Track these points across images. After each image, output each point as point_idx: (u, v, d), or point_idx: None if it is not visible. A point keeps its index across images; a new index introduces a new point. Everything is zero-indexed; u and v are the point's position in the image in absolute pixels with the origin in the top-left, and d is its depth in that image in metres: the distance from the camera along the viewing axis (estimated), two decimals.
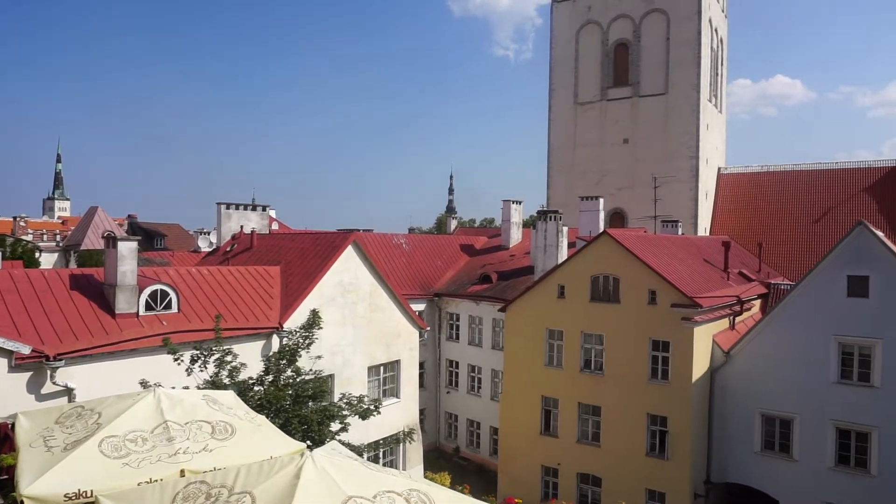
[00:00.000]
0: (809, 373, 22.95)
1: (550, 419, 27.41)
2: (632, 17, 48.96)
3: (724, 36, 54.08)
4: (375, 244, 36.10)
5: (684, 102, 46.69)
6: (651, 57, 48.09)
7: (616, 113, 49.54)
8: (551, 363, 27.17)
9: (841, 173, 46.86)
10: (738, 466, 24.53)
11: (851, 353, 22.38)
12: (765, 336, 24.08)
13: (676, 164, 46.45)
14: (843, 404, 22.39)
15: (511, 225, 40.96)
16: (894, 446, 21.48)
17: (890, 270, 21.89)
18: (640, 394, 24.66)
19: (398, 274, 35.18)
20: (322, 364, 18.92)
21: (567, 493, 26.22)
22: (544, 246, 32.44)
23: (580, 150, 51.02)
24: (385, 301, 24.00)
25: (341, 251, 22.18)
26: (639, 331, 24.68)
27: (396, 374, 24.74)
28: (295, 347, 15.44)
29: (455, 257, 40.27)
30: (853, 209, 43.12)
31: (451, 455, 35.56)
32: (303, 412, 14.00)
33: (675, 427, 23.98)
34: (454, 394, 36.06)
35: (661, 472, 24.22)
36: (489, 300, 33.34)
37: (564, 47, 51.92)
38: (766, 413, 23.92)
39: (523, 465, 27.81)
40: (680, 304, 23.58)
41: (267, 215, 29.28)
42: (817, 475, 22.82)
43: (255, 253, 25.22)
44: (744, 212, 48.21)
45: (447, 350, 36.35)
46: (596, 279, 25.91)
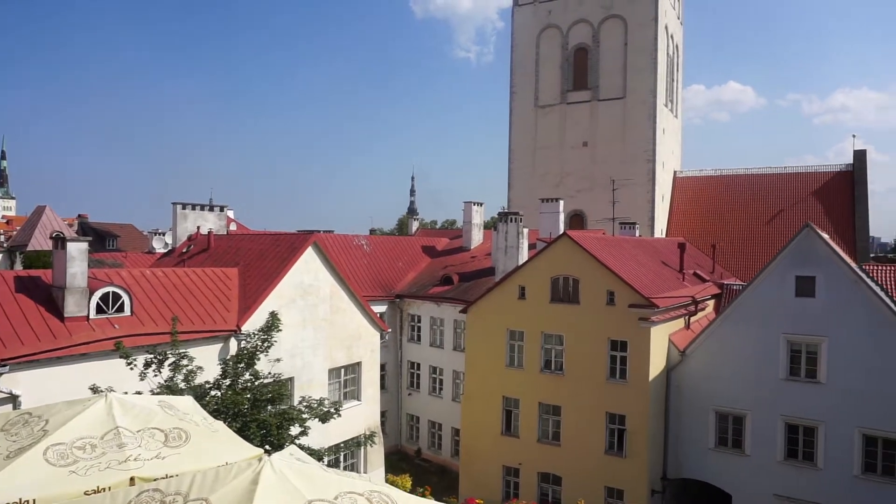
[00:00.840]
0: (760, 370, 23.70)
1: (511, 419, 27.60)
2: (591, 22, 49.78)
3: (679, 42, 55.46)
4: (336, 245, 35.78)
5: (641, 107, 47.70)
6: (610, 62, 48.98)
7: (576, 116, 50.29)
8: (512, 364, 27.37)
9: (790, 177, 48.58)
10: (693, 462, 25.15)
11: (799, 350, 23.20)
12: (718, 335, 24.77)
13: (634, 168, 47.40)
14: (791, 400, 23.20)
15: (472, 226, 41.12)
16: (839, 440, 22.36)
17: (835, 271, 22.79)
18: (599, 393, 25.05)
19: (359, 275, 34.94)
20: (281, 367, 18.64)
21: (528, 492, 26.44)
22: (505, 247, 32.68)
23: (540, 152, 51.59)
24: (346, 303, 23.80)
25: (301, 252, 21.89)
26: (598, 331, 25.07)
27: (357, 376, 24.55)
28: (253, 350, 15.16)
29: (416, 259, 40.21)
30: (801, 212, 44.73)
31: (413, 457, 35.47)
32: (261, 416, 13.75)
33: (632, 425, 24.44)
34: (416, 395, 35.98)
35: (620, 469, 24.65)
36: (451, 301, 33.39)
37: (525, 50, 52.45)
38: (719, 410, 24.59)
39: (485, 466, 27.93)
40: (637, 304, 24.05)
41: (225, 216, 28.70)
42: (768, 469, 23.58)
43: (213, 254, 24.68)
44: (698, 214, 49.51)
45: (409, 352, 36.25)
46: (556, 280, 26.22)
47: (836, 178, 46.58)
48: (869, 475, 22.04)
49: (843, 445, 22.31)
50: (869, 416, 21.92)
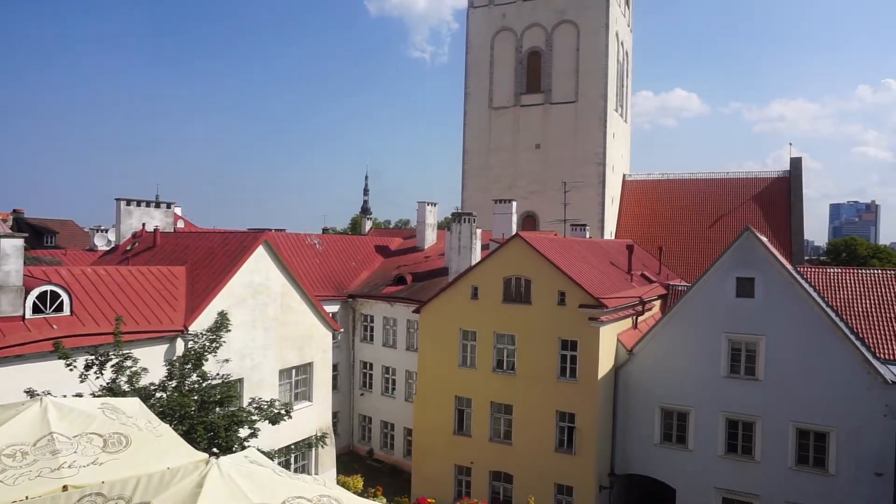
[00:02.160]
0: (703, 368, 24.56)
1: (464, 419, 27.76)
2: (544, 26, 50.51)
3: (629, 49, 56.85)
4: (288, 244, 35.25)
5: (592, 111, 48.70)
6: (562, 66, 49.83)
7: (529, 119, 50.94)
8: (465, 363, 27.54)
9: (731, 182, 50.46)
10: (639, 458, 25.86)
11: (739, 349, 24.16)
12: (664, 334, 25.54)
13: (585, 170, 48.35)
14: (732, 397, 24.13)
15: (426, 226, 41.15)
16: (775, 434, 23.39)
17: (772, 273, 23.82)
18: (550, 392, 25.47)
19: (311, 275, 34.52)
20: (230, 368, 18.26)
21: (479, 491, 26.66)
22: (458, 248, 32.84)
23: (494, 153, 52.05)
24: (297, 302, 23.48)
25: (252, 251, 21.48)
26: (549, 331, 25.48)
27: (309, 376, 24.26)
28: (201, 351, 14.81)
29: (370, 258, 39.99)
30: (742, 216, 46.52)
31: (365, 457, 35.27)
32: (209, 418, 13.45)
33: (582, 423, 24.94)
34: (368, 396, 35.79)
35: (569, 466, 25.12)
36: (404, 301, 33.34)
37: (480, 52, 52.81)
38: (664, 407, 25.36)
39: (437, 465, 28.01)
40: (587, 304, 24.56)
41: (172, 213, 27.90)
42: (709, 463, 24.46)
43: (159, 252, 23.97)
44: (646, 217, 50.89)
45: (361, 352, 36.03)
46: (508, 281, 26.52)
47: (774, 184, 48.64)
48: (802, 466, 23.14)
49: (778, 439, 23.36)
50: (801, 410, 23.01)
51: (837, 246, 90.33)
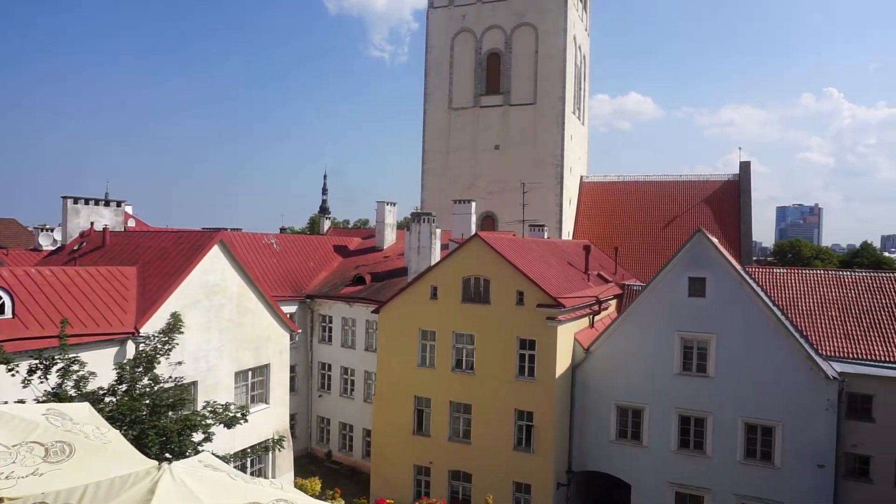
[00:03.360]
0: (657, 366, 25.17)
1: (423, 419, 27.76)
2: (503, 28, 50.89)
3: (586, 53, 57.79)
4: (244, 244, 34.61)
5: (551, 113, 49.31)
6: (521, 68, 50.29)
7: (488, 120, 51.25)
8: (424, 363, 27.53)
9: (684, 185, 51.81)
10: (596, 455, 26.32)
11: (691, 347, 24.84)
12: (619, 333, 26.06)
13: (543, 172, 48.92)
14: (684, 393, 24.79)
15: (385, 226, 41.00)
16: (725, 429, 24.15)
17: (723, 273, 24.59)
18: (509, 391, 25.68)
19: (268, 275, 33.97)
20: (184, 370, 17.79)
21: (439, 490, 26.70)
22: (418, 247, 32.81)
23: (453, 154, 52.18)
24: (254, 303, 23.06)
25: (206, 251, 20.99)
26: (507, 330, 25.69)
27: (266, 378, 23.86)
28: (153, 354, 14.39)
29: (328, 258, 39.59)
30: (694, 218, 47.80)
31: (324, 460, 34.91)
32: (161, 423, 13.08)
33: (540, 421, 25.23)
34: (326, 397, 35.43)
35: (527, 464, 25.38)
36: (363, 301, 33.13)
37: (439, 53, 52.87)
38: (620, 404, 25.88)
39: (396, 466, 27.93)
40: (545, 304, 24.86)
41: (122, 211, 27.06)
42: (663, 458, 25.07)
43: (108, 252, 23.20)
44: (602, 218, 51.80)
45: (319, 353, 35.65)
46: (468, 280, 26.63)
47: (725, 187, 50.17)
48: (749, 460, 23.95)
49: (728, 434, 24.12)
50: (749, 406, 23.82)
51: (783, 247, 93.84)
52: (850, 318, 25.81)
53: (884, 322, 25.28)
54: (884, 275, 29.06)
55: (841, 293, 27.06)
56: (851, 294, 26.87)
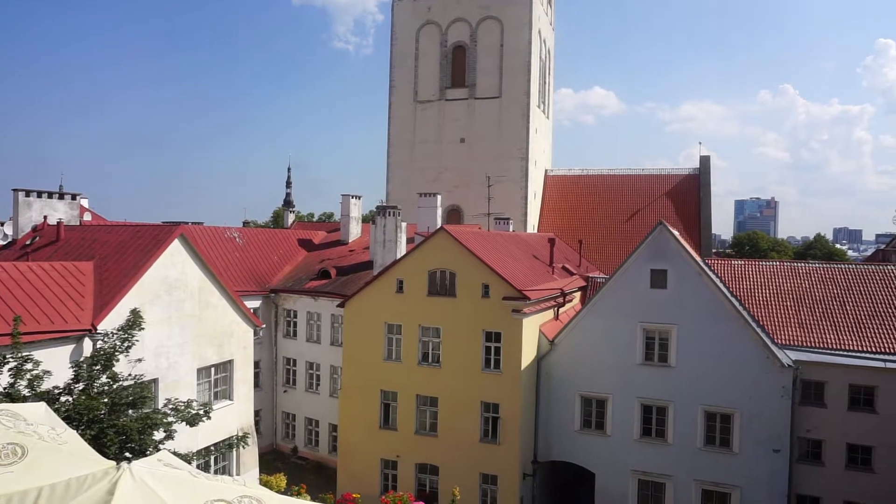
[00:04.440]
0: (620, 356, 25.61)
1: (389, 413, 27.72)
2: (469, 21, 50.86)
3: (551, 47, 58.18)
4: (206, 238, 33.95)
5: (516, 106, 49.55)
6: (486, 61, 50.37)
7: (454, 113, 51.23)
8: (390, 357, 27.47)
9: (646, 179, 52.73)
10: (561, 445, 26.69)
11: (653, 337, 25.35)
12: (583, 325, 26.43)
13: (508, 165, 49.18)
14: (646, 383, 25.31)
15: (350, 220, 40.72)
16: (686, 417, 24.75)
17: (683, 265, 25.13)
18: (475, 383, 25.82)
19: (231, 269, 33.41)
20: (144, 368, 17.42)
21: (406, 484, 26.72)
22: (383, 241, 32.67)
23: (419, 147, 52.04)
24: (216, 298, 22.65)
25: (166, 245, 20.51)
26: (473, 323, 25.80)
27: (229, 374, 23.49)
28: (111, 351, 14.03)
29: (292, 252, 39.12)
30: (656, 211, 48.72)
31: (289, 455, 34.61)
32: (120, 422, 12.77)
33: (506, 413, 25.45)
34: (292, 392, 35.09)
35: (494, 456, 25.60)
36: (328, 296, 32.87)
37: (405, 45, 52.56)
38: (584, 395, 26.28)
39: (363, 460, 27.85)
40: (511, 297, 25.04)
41: (78, 205, 26.22)
42: (626, 447, 25.57)
43: (63, 247, 22.47)
44: (567, 211, 52.38)
45: (284, 348, 35.26)
46: (433, 274, 26.64)
47: (685, 181, 51.22)
48: (709, 447, 24.62)
49: (688, 422, 24.73)
50: (709, 394, 24.45)
51: (741, 239, 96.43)
52: (803, 308, 26.68)
53: (835, 311, 26.21)
54: (835, 266, 30.13)
55: (795, 284, 27.93)
56: (805, 284, 27.77)
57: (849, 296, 26.73)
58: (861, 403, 23.89)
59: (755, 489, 24.05)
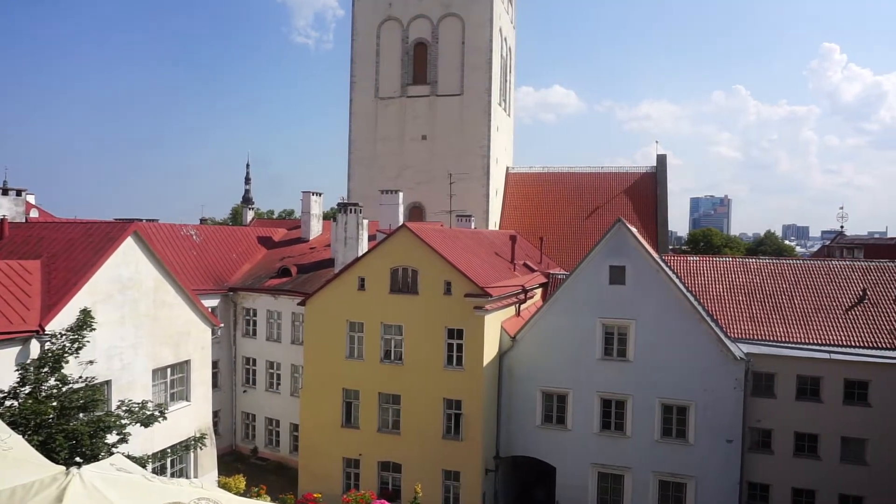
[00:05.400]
0: (580, 352, 26.01)
1: (352, 411, 27.55)
2: (430, 18, 50.78)
3: (512, 45, 58.53)
4: (162, 235, 33.09)
5: (477, 104, 49.72)
6: (448, 58, 50.38)
7: (415, 109, 51.11)
8: (352, 355, 27.29)
9: (605, 177, 53.60)
10: (522, 440, 26.96)
11: (612, 332, 25.82)
12: (544, 321, 26.73)
13: (470, 162, 49.33)
14: (606, 378, 25.77)
15: (311, 217, 40.26)
16: (644, 410, 25.31)
17: (641, 261, 25.66)
18: (437, 380, 25.86)
19: (188, 268, 32.66)
20: (96, 370, 16.88)
21: (368, 482, 26.61)
22: (345, 238, 32.40)
23: (381, 143, 51.78)
24: (172, 297, 22.12)
25: (119, 243, 19.92)
26: (435, 320, 25.83)
27: (186, 375, 22.98)
28: (60, 353, 13.57)
29: (252, 250, 38.48)
30: (614, 208, 49.56)
31: (249, 456, 34.08)
32: (70, 426, 12.37)
33: (468, 409, 25.57)
34: (251, 392, 34.54)
35: (456, 452, 25.70)
36: (288, 294, 32.45)
37: (365, 41, 52.16)
38: (545, 390, 26.60)
39: (324, 460, 27.61)
40: (473, 293, 25.15)
41: (23, 201, 25.24)
42: (586, 441, 26.00)
43: (7, 245, 21.59)
44: (528, 208, 52.86)
45: (243, 347, 34.67)
46: (395, 271, 26.56)
47: (643, 179, 52.26)
48: (666, 438, 25.24)
49: (646, 415, 25.29)
50: (666, 387, 25.05)
51: (696, 236, 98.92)
52: (755, 302, 27.55)
53: (784, 305, 27.15)
54: (784, 261, 31.22)
55: (747, 279, 28.82)
56: (756, 280, 28.68)
57: (796, 290, 27.72)
58: (808, 394, 24.83)
59: (709, 479, 24.77)
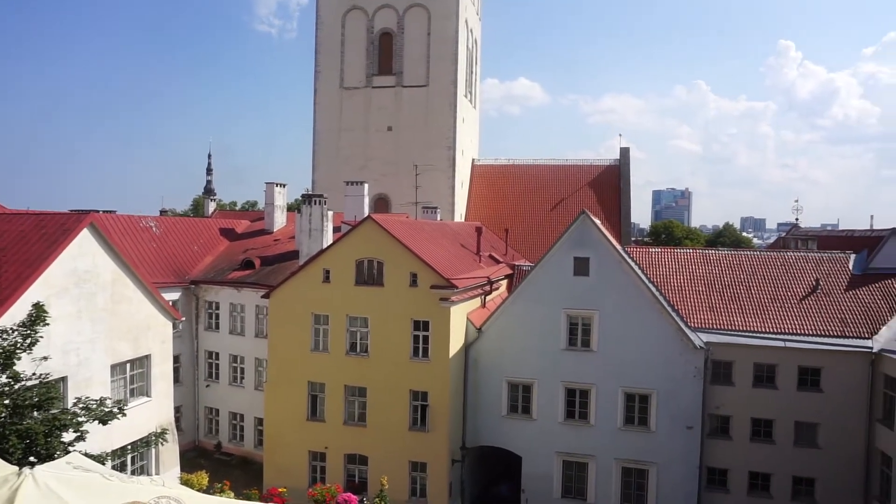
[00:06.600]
0: (545, 342, 26.32)
1: (317, 404, 27.37)
2: (395, 8, 50.34)
3: (478, 37, 58.47)
4: (120, 227, 32.22)
5: (443, 95, 49.56)
6: (413, 49, 50.05)
7: (381, 100, 50.70)
8: (317, 348, 27.08)
9: (570, 169, 54.10)
10: (488, 430, 27.20)
11: (576, 323, 26.19)
12: (509, 312, 26.95)
13: (435, 154, 49.21)
14: (570, 368, 26.14)
15: (275, 208, 39.73)
16: (606, 399, 25.78)
17: (605, 253, 26.04)
18: (404, 372, 25.86)
19: (148, 260, 31.89)
20: (50, 366, 16.33)
21: (335, 475, 26.51)
22: (309, 230, 32.07)
23: (345, 134, 51.24)
24: (131, 290, 21.55)
25: (74, 235, 19.29)
26: (401, 312, 25.79)
27: (146, 370, 22.46)
28: (11, 349, 13.08)
29: (214, 242, 37.77)
30: (579, 200, 50.09)
31: (213, 452, 33.60)
32: (24, 425, 11.96)
33: (434, 401, 25.66)
34: (214, 387, 34.01)
35: (423, 443, 25.78)
36: (252, 286, 31.99)
37: (330, 30, 51.45)
38: (511, 380, 26.85)
39: (290, 453, 27.39)
40: (438, 285, 25.18)
41: None
42: (551, 430, 26.37)
43: None
44: (494, 200, 53.04)
45: (206, 341, 34.08)
46: (361, 263, 26.40)
47: (606, 172, 52.94)
48: (629, 426, 25.77)
49: (609, 403, 25.77)
50: (628, 376, 25.56)
51: (658, 228, 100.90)
52: (714, 293, 28.24)
53: (741, 295, 27.90)
54: (742, 253, 32.09)
55: (706, 270, 29.51)
56: (715, 270, 29.39)
57: (753, 281, 28.52)
58: (764, 381, 25.63)
59: (670, 464, 25.40)
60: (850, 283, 27.68)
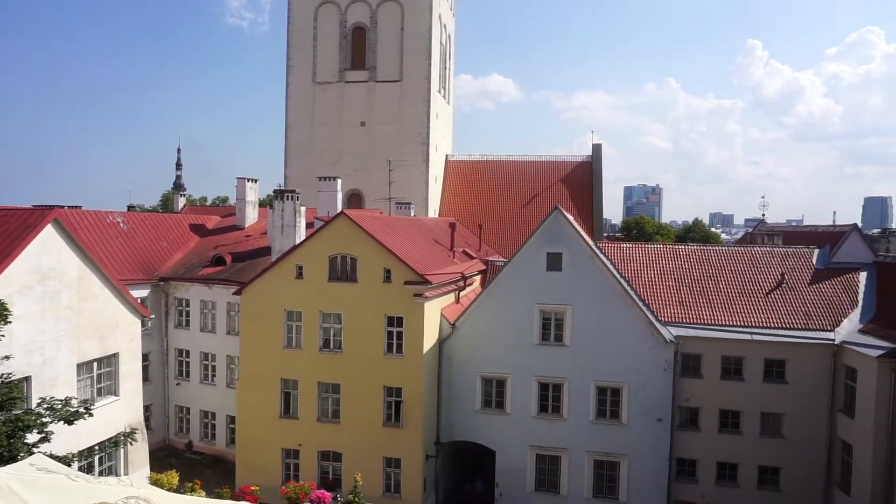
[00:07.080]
0: (518, 337, 26.50)
1: (290, 401, 27.17)
2: (368, 2, 49.97)
3: (451, 33, 58.40)
4: (86, 223, 31.49)
5: (416, 91, 49.41)
6: (387, 44, 49.77)
7: (353, 95, 50.34)
8: (290, 345, 26.87)
9: (543, 165, 54.45)
10: (462, 425, 27.31)
11: (549, 318, 26.42)
12: (483, 307, 27.07)
13: (409, 149, 49.07)
14: (543, 362, 26.38)
15: (246, 204, 39.26)
16: (580, 393, 26.08)
17: (577, 248, 26.30)
18: (377, 368, 25.80)
19: (115, 257, 31.26)
20: (13, 365, 15.95)
21: (308, 472, 26.34)
22: (282, 226, 31.75)
23: (318, 129, 50.78)
24: (98, 288, 21.11)
25: (38, 231, 18.81)
26: (375, 308, 25.72)
27: (114, 369, 22.04)
28: None
29: (184, 238, 37.16)
30: (552, 196, 50.45)
31: (184, 451, 33.14)
32: None
33: (408, 396, 25.65)
34: (185, 385, 33.52)
35: (397, 439, 25.77)
36: (223, 283, 31.57)
37: (302, 24, 50.88)
38: (485, 375, 26.99)
39: (263, 451, 27.14)
40: (412, 281, 25.16)
41: None
42: (524, 424, 26.59)
43: None
44: (467, 196, 53.13)
45: (176, 338, 33.55)
46: (334, 259, 26.24)
47: (579, 168, 53.41)
48: (601, 419, 26.11)
49: (582, 397, 26.07)
50: (600, 370, 25.88)
51: (629, 224, 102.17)
52: (683, 287, 28.76)
53: (710, 289, 28.46)
54: (710, 248, 32.72)
55: (676, 265, 30.02)
56: (685, 265, 29.92)
57: (721, 275, 29.10)
58: (732, 373, 26.20)
59: (641, 456, 25.82)
60: (813, 278, 28.45)
